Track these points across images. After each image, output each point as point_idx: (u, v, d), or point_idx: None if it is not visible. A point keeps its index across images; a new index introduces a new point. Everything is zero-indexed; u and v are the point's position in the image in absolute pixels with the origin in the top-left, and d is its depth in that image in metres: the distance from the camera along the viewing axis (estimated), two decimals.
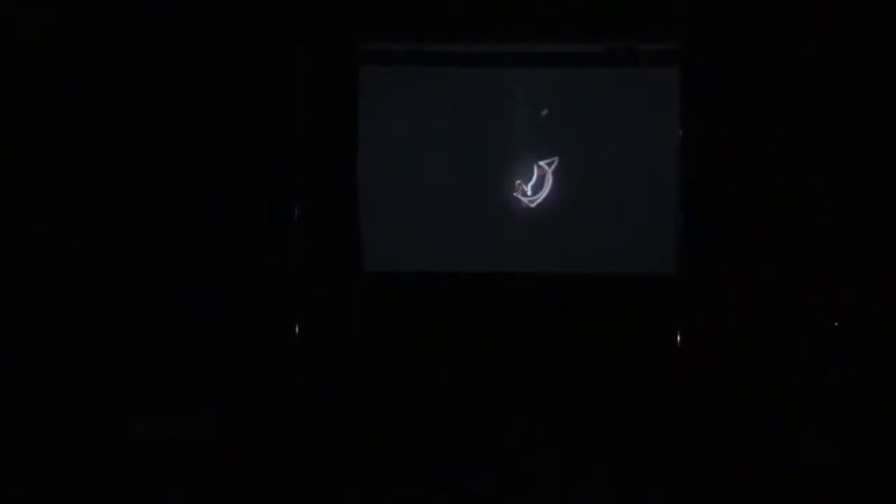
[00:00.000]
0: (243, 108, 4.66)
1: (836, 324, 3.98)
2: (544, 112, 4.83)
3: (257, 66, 4.65)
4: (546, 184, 4.83)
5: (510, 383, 4.65)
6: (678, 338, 4.70)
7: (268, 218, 4.74)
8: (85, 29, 4.46)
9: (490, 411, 4.44)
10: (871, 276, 4.44)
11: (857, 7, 4.40)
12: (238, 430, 4.03)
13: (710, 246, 4.67)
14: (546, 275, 4.86)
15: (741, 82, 4.58)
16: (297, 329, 4.73)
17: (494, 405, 4.50)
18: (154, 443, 3.79)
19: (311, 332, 4.75)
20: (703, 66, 4.65)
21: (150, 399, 4.21)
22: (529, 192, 4.85)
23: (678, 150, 4.75)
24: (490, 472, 3.73)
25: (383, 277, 4.90)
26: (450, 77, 4.85)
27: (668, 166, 4.78)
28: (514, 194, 4.86)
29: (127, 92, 4.55)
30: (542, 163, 4.82)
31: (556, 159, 4.81)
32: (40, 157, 4.44)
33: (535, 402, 4.54)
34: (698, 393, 4.48)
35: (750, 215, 4.61)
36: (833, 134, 4.48)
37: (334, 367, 4.67)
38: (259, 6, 4.64)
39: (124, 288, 4.52)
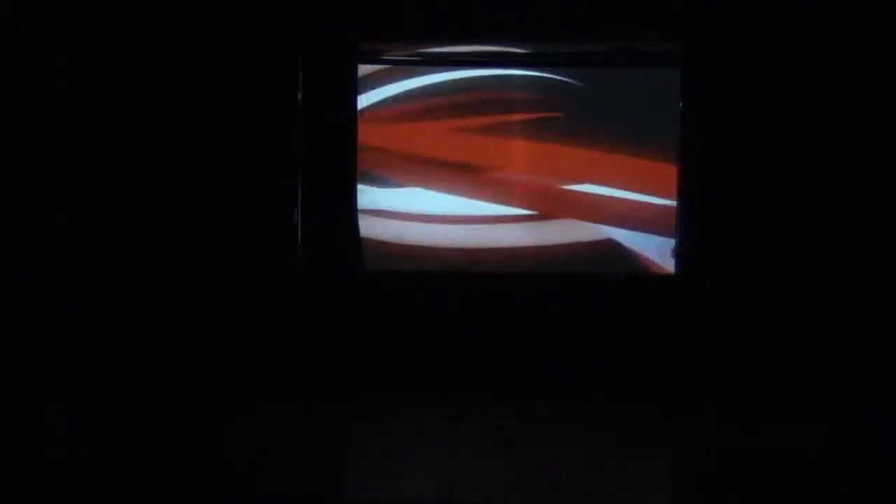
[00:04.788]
0: (243, 108, 4.66)
1: None
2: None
3: (257, 65, 4.65)
4: None
5: (510, 383, 4.65)
6: (678, 338, 4.69)
7: (268, 218, 4.74)
8: (84, 27, 4.46)
9: (490, 411, 4.44)
10: (871, 275, 4.44)
11: (857, 7, 4.39)
12: (236, 431, 4.04)
13: (710, 246, 4.67)
14: (546, 274, 4.87)
15: (741, 82, 4.58)
16: (296, 328, 4.73)
17: (494, 405, 4.50)
18: (153, 445, 3.79)
19: (311, 332, 4.75)
20: (703, 66, 4.65)
21: (147, 399, 4.21)
22: None
23: (678, 149, 4.75)
24: (489, 470, 3.73)
25: (383, 277, 4.90)
26: (449, 77, 4.85)
27: (667, 166, 4.78)
28: None
29: (126, 92, 4.55)
30: None
31: None
32: (41, 158, 4.44)
33: (534, 402, 4.53)
34: (698, 393, 4.49)
35: (750, 215, 4.61)
36: (834, 134, 4.48)
37: (334, 367, 4.68)
38: (259, 6, 4.64)
39: (122, 288, 4.52)
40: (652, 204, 4.81)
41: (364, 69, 4.84)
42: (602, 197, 4.84)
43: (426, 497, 3.39)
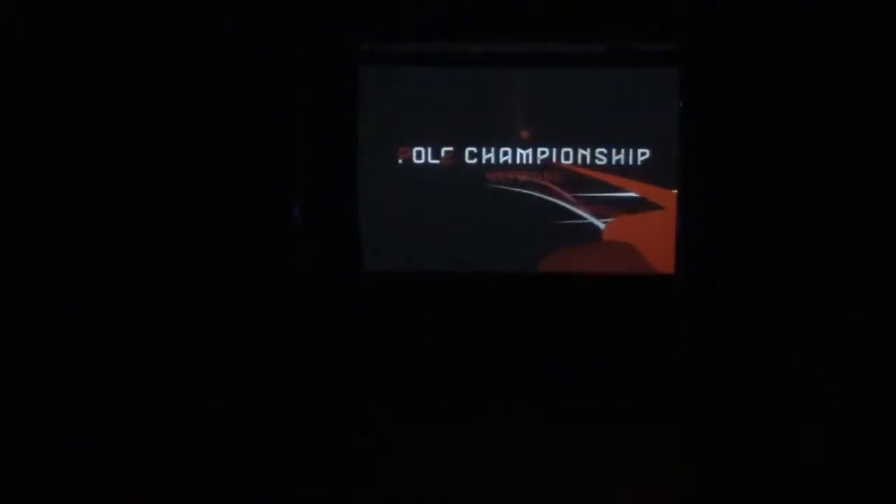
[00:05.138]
0: (243, 108, 4.66)
1: None
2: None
3: (257, 65, 4.65)
4: None
5: (510, 383, 4.65)
6: (678, 338, 4.69)
7: (268, 218, 4.74)
8: (84, 27, 4.46)
9: (490, 411, 4.44)
10: (871, 275, 4.44)
11: (857, 7, 4.39)
12: (235, 432, 4.04)
13: (710, 246, 4.68)
14: (546, 274, 4.87)
15: (741, 82, 4.58)
16: (297, 329, 4.73)
17: (494, 405, 4.51)
18: (153, 445, 3.79)
19: (311, 332, 4.75)
20: (703, 66, 4.66)
21: (148, 400, 4.21)
22: None
23: (678, 149, 4.75)
24: (489, 470, 3.73)
25: (383, 277, 4.91)
26: (450, 77, 4.85)
27: (667, 166, 4.78)
28: None
29: (126, 92, 4.55)
30: None
31: None
32: (41, 158, 4.43)
33: (534, 402, 4.54)
34: (698, 393, 4.49)
35: (750, 215, 4.61)
36: (834, 133, 4.48)
37: (334, 368, 4.68)
38: (259, 6, 4.64)
39: (122, 288, 4.51)
40: (652, 203, 4.82)
41: (364, 69, 4.84)
42: (601, 195, 4.85)
43: (426, 497, 3.40)
